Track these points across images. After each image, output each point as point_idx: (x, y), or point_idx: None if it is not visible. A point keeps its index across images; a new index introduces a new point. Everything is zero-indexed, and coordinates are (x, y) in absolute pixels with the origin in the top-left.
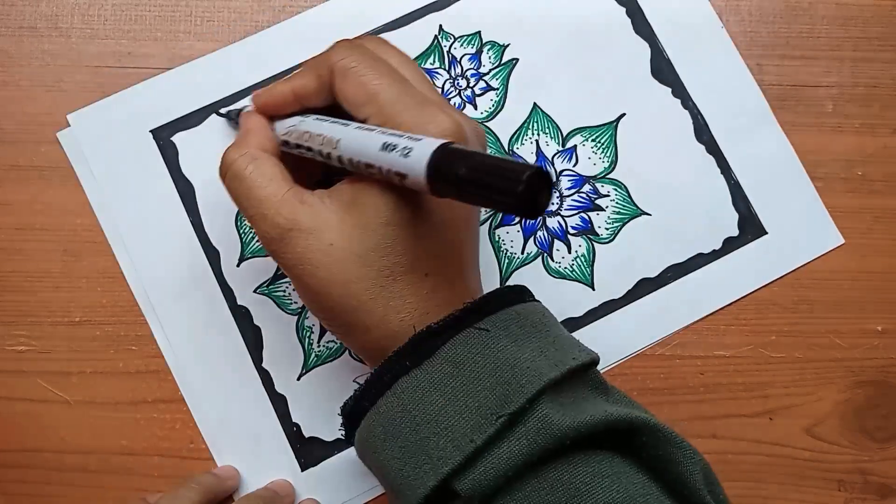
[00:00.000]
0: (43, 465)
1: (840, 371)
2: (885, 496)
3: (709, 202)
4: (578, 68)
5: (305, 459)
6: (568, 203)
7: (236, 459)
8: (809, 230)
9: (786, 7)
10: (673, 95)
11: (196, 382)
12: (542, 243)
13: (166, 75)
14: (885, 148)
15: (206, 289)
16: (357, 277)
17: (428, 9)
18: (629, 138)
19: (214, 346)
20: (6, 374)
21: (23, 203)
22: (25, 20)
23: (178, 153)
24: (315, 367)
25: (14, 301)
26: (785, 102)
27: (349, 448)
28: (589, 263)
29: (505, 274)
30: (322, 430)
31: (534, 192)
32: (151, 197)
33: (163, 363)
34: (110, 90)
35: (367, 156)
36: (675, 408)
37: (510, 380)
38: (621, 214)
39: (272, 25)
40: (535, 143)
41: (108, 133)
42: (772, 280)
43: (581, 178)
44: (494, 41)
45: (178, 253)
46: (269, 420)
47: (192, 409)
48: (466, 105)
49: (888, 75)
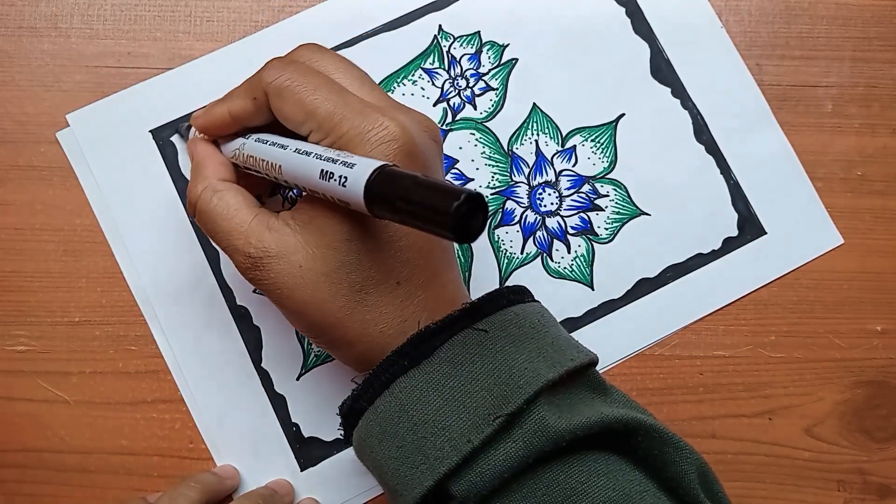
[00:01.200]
0: (43, 465)
1: (840, 371)
2: (884, 496)
3: (708, 202)
4: (578, 68)
5: (305, 459)
6: (567, 203)
7: (235, 459)
8: (809, 230)
9: (786, 7)
10: (672, 95)
11: (195, 382)
12: (542, 243)
13: (166, 75)
14: (885, 148)
15: (205, 288)
16: (330, 296)
17: (427, 8)
18: (629, 138)
19: (213, 345)
20: (6, 374)
21: (23, 203)
22: (25, 20)
23: (177, 153)
24: (314, 367)
25: (14, 301)
26: (785, 102)
27: (348, 448)
28: (588, 263)
29: (504, 274)
30: (321, 430)
31: (466, 217)
32: (151, 197)
33: (162, 363)
34: (110, 90)
35: (308, 183)
36: (674, 408)
37: (508, 381)
38: (621, 214)
39: (271, 25)
40: (534, 143)
41: (107, 133)
42: (771, 280)
43: (580, 178)
44: (494, 41)
45: (177, 252)
46: (269, 420)
47: (191, 409)
48: (466, 105)
49: (888, 75)
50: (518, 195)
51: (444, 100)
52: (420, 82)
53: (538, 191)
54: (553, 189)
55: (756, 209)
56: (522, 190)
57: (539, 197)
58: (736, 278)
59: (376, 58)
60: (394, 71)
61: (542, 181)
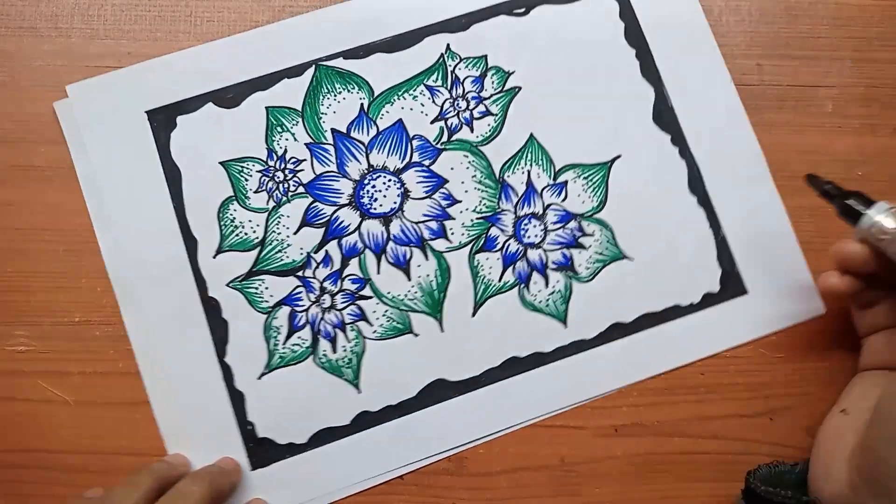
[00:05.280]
0: (43, 465)
1: (840, 371)
2: None
3: (693, 255)
4: (580, 104)
5: (256, 459)
6: (551, 237)
7: (187, 450)
8: (792, 295)
9: (786, 7)
10: (672, 143)
11: (158, 368)
12: (521, 274)
13: (168, 58)
14: (885, 148)
15: (179, 276)
16: None
17: (436, 27)
18: (622, 180)
19: (180, 333)
20: (6, 374)
21: (23, 203)
22: (25, 20)
23: (170, 138)
24: (278, 368)
25: (14, 301)
26: (785, 102)
27: (301, 453)
28: (564, 300)
29: (479, 299)
30: (276, 432)
31: None
32: (139, 177)
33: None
34: None
35: None
36: (675, 408)
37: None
38: (603, 256)
39: (274, 22)
40: (526, 173)
41: (104, 108)
42: (746, 341)
43: (568, 214)
44: (500, 67)
45: (156, 235)
46: (225, 415)
47: (150, 394)
48: (463, 126)
49: (888, 75)
50: (503, 223)
51: (442, 118)
52: (421, 98)
53: (524, 221)
54: (539, 221)
55: (741, 267)
56: (508, 218)
57: (524, 228)
58: (711, 335)
59: (380, 68)
60: (396, 84)
61: (529, 212)
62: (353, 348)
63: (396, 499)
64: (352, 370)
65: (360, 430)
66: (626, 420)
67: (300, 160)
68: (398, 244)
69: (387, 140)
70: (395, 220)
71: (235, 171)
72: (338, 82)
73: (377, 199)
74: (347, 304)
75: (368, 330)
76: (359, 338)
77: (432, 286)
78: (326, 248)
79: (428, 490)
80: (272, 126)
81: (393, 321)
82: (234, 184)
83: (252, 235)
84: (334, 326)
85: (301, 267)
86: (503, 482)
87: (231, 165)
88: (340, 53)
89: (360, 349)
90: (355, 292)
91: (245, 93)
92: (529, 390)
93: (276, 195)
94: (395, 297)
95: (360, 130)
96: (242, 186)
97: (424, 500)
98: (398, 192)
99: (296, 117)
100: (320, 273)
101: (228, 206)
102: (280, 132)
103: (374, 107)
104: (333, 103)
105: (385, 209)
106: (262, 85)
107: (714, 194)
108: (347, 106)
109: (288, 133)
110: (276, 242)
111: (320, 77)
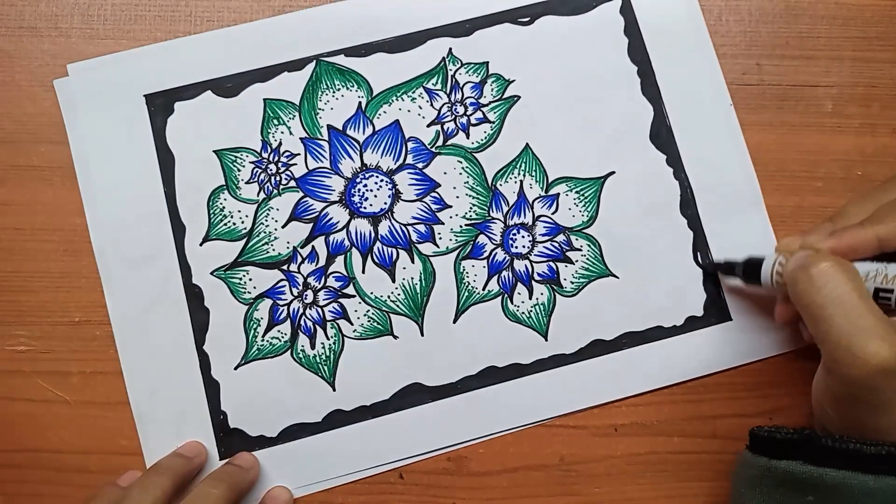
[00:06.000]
0: (43, 465)
1: None
2: None
3: (679, 277)
4: (578, 117)
5: (226, 449)
6: (539, 249)
7: (159, 435)
8: (774, 326)
9: (786, 7)
10: (667, 163)
11: (135, 352)
12: (505, 284)
13: (170, 44)
14: (885, 148)
15: (164, 260)
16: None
17: (439, 31)
18: (613, 197)
19: (160, 319)
20: (6, 374)
21: (23, 203)
22: (25, 20)
23: (166, 123)
24: (255, 359)
25: (14, 301)
26: (785, 102)
27: (271, 446)
28: (547, 313)
29: (462, 306)
30: (248, 423)
31: None
32: (132, 159)
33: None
34: None
35: None
36: (675, 407)
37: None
38: (589, 271)
39: (278, 15)
40: (519, 182)
41: (103, 89)
42: (726, 368)
43: (557, 227)
44: (500, 74)
45: (145, 219)
46: (198, 403)
47: (126, 378)
48: (459, 132)
49: (888, 75)
50: (492, 231)
51: (438, 122)
52: (419, 100)
53: (513, 231)
54: (528, 232)
55: (726, 294)
56: (497, 227)
57: (512, 237)
58: (691, 359)
59: (380, 68)
60: (395, 84)
61: (519, 222)
62: (331, 346)
63: (396, 498)
64: (328, 368)
65: (331, 428)
66: (626, 420)
67: (294, 154)
68: (385, 245)
69: (382, 140)
70: (384, 221)
71: (229, 161)
72: (337, 79)
73: (368, 199)
74: (330, 301)
75: (348, 329)
76: (338, 336)
77: (416, 289)
78: (313, 243)
79: (428, 489)
80: (269, 118)
81: (373, 322)
82: (226, 173)
83: (240, 226)
84: (314, 323)
85: (286, 261)
86: (503, 482)
87: (225, 154)
88: (342, 50)
89: (339, 347)
90: (338, 290)
91: (244, 83)
92: (505, 401)
93: (267, 187)
94: (378, 298)
95: (356, 128)
96: (234, 176)
97: (424, 499)
98: (389, 193)
99: (293, 111)
100: (305, 268)
101: (219, 195)
102: (276, 125)
103: (372, 106)
104: (331, 100)
105: (375, 209)
106: (261, 76)
107: (705, 218)
108: (345, 103)
109: (284, 126)
110: (263, 234)
111: (320, 72)
